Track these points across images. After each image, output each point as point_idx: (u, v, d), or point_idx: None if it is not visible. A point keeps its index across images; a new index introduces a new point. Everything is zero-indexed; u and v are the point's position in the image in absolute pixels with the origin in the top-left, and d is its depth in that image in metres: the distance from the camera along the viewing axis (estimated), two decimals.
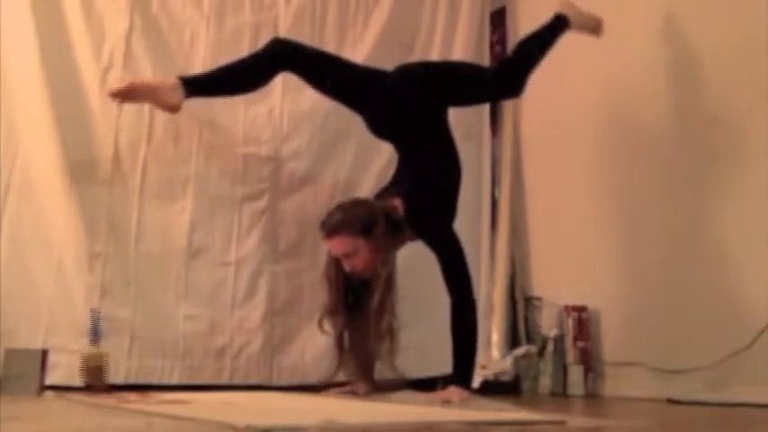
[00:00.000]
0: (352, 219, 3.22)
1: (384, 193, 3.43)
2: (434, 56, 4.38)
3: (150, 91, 3.34)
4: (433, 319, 3.83)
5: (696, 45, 3.77)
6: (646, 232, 3.88)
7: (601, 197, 4.09)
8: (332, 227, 3.24)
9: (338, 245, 3.23)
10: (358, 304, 3.33)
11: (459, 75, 3.70)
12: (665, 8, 3.92)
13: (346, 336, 3.36)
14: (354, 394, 3.33)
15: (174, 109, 3.37)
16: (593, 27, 3.86)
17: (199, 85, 3.38)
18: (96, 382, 3.20)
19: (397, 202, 3.30)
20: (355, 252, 3.21)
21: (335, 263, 3.30)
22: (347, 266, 3.24)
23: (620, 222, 3.99)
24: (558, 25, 3.73)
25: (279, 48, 3.49)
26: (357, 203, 3.36)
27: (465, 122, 4.14)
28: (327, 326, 3.37)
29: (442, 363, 3.79)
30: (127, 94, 3.36)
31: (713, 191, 3.61)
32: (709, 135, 3.65)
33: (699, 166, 3.68)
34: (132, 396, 2.97)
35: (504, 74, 3.71)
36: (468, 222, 3.87)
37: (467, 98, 3.78)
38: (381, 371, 3.50)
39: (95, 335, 3.28)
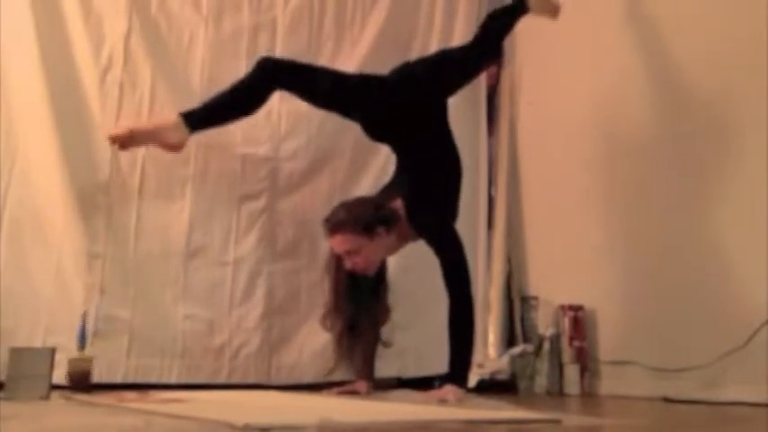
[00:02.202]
0: (356, 217, 3.22)
1: (384, 193, 3.44)
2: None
3: (152, 134, 3.35)
4: (431, 319, 3.85)
5: (693, 46, 3.77)
6: (642, 232, 3.89)
7: (597, 196, 4.10)
8: (335, 224, 3.24)
9: (341, 242, 3.24)
10: (361, 302, 3.34)
11: (443, 60, 3.76)
12: (662, 12, 3.93)
13: (348, 335, 3.37)
14: (355, 393, 3.34)
15: (178, 149, 3.39)
16: (552, 11, 3.95)
17: (200, 119, 3.39)
18: (81, 385, 3.21)
19: (398, 203, 3.31)
20: (357, 250, 3.22)
21: (337, 261, 3.31)
22: (349, 264, 3.25)
23: (616, 222, 4.00)
24: (518, 8, 3.84)
25: (267, 68, 3.47)
26: (361, 202, 3.37)
27: (461, 122, 4.16)
28: (329, 324, 3.39)
29: (440, 362, 3.81)
30: (127, 141, 3.37)
31: (710, 190, 3.62)
32: (707, 134, 3.65)
33: (695, 167, 3.68)
34: (131, 395, 2.98)
35: (479, 49, 3.80)
36: (465, 222, 3.86)
37: (456, 81, 3.77)
38: (379, 370, 3.52)
39: (83, 339, 3.29)
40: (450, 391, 3.08)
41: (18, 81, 3.63)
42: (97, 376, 3.38)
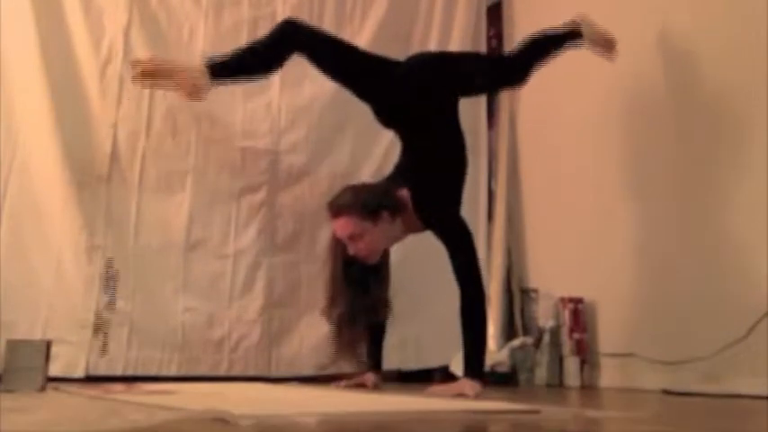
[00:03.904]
0: (361, 201, 3.16)
1: (389, 182, 3.37)
2: (432, 49, 4.38)
3: (175, 72, 3.17)
4: (432, 310, 3.86)
5: (696, 32, 3.76)
6: (642, 224, 3.89)
7: (597, 189, 4.10)
8: (340, 206, 3.18)
9: (344, 226, 3.16)
10: (358, 292, 3.27)
11: (472, 64, 3.71)
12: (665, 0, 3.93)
13: (346, 326, 3.29)
14: (363, 386, 3.32)
15: (198, 93, 3.17)
16: (606, 46, 3.82)
17: (222, 70, 3.23)
18: None
19: (404, 192, 3.26)
20: (361, 235, 3.15)
21: (336, 248, 3.25)
22: (351, 250, 3.18)
23: (616, 214, 4.00)
24: (569, 35, 3.74)
25: (290, 29, 3.36)
26: (367, 187, 3.34)
27: (461, 114, 4.15)
28: (329, 314, 3.35)
29: (441, 355, 3.83)
30: (149, 73, 3.17)
31: (710, 183, 3.62)
32: (709, 129, 3.66)
33: (697, 159, 3.68)
34: (118, 387, 2.99)
35: (513, 66, 3.72)
36: (465, 215, 3.87)
37: (477, 87, 3.78)
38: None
39: None
40: (467, 384, 3.03)
41: (18, 74, 3.63)
42: (97, 368, 3.38)
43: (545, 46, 3.69)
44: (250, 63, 3.35)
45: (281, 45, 3.35)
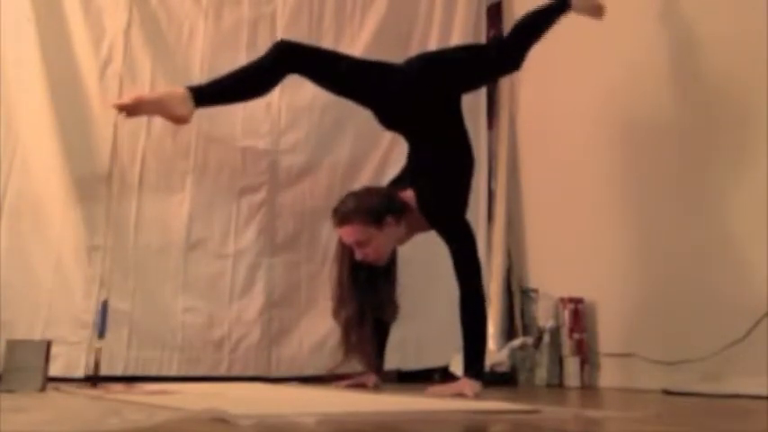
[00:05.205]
0: (366, 207, 3.17)
1: (395, 184, 3.39)
2: (432, 49, 4.37)
3: (157, 104, 3.25)
4: (432, 311, 3.85)
5: (697, 29, 3.76)
6: (642, 224, 3.89)
7: (597, 189, 4.10)
8: (344, 214, 3.19)
9: (350, 233, 3.18)
10: (366, 293, 3.27)
11: (465, 57, 3.70)
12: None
13: (355, 327, 3.29)
14: (363, 386, 3.31)
15: (183, 121, 3.28)
16: (594, 10, 3.87)
17: (208, 95, 3.29)
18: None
19: (410, 194, 3.27)
20: (367, 241, 3.16)
21: (342, 251, 3.26)
22: (359, 255, 3.19)
23: (616, 214, 4.00)
24: (559, 6, 3.75)
25: (285, 51, 3.37)
26: (370, 192, 3.33)
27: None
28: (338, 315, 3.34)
29: (441, 355, 3.82)
30: (133, 109, 3.27)
31: (710, 183, 3.62)
32: (709, 129, 3.66)
33: (697, 159, 3.68)
34: (117, 387, 2.99)
35: (506, 50, 3.72)
36: (466, 215, 3.90)
37: (475, 79, 3.78)
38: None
39: (103, 328, 3.26)
40: (466, 384, 3.04)
41: (18, 75, 3.63)
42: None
43: (536, 24, 3.70)
44: (241, 88, 3.38)
45: (277, 68, 3.36)
